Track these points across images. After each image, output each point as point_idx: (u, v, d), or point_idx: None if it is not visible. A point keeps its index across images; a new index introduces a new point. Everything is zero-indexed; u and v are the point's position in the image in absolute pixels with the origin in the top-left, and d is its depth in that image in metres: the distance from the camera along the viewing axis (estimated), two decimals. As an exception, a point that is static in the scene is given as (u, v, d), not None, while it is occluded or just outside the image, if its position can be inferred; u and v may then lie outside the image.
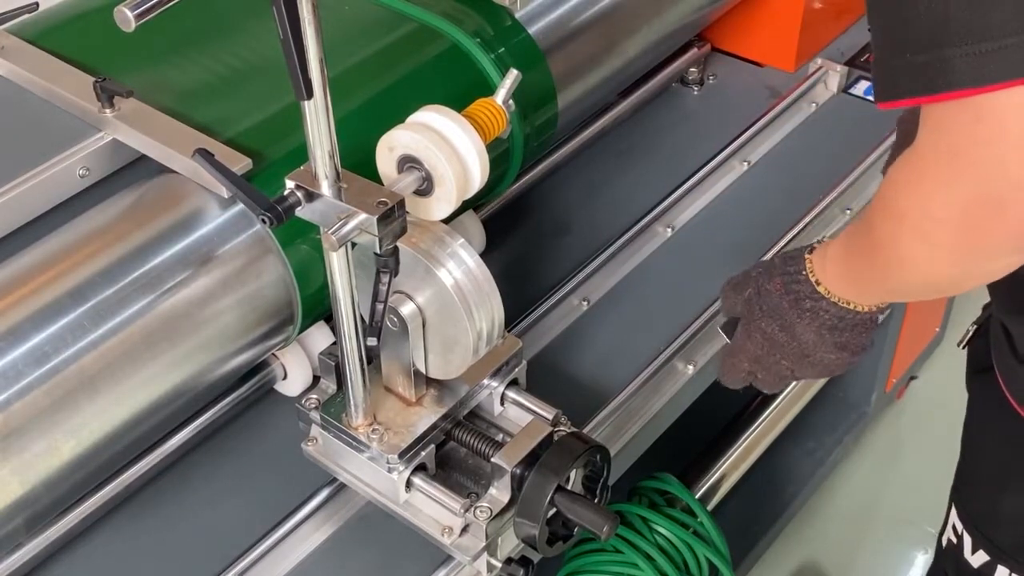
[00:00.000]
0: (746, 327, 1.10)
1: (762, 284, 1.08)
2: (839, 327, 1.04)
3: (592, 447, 1.03)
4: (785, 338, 1.07)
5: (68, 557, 1.08)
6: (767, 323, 1.08)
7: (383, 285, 0.95)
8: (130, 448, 1.04)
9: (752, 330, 1.10)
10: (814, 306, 1.04)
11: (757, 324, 1.09)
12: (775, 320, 1.07)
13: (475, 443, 1.08)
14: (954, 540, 1.17)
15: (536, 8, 1.30)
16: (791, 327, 1.06)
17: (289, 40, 0.81)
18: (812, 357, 1.07)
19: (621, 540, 1.42)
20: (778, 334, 1.07)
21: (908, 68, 0.75)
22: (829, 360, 1.07)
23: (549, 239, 1.44)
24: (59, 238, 1.01)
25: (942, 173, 0.77)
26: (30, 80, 1.12)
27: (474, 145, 0.98)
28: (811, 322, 1.04)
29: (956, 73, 0.72)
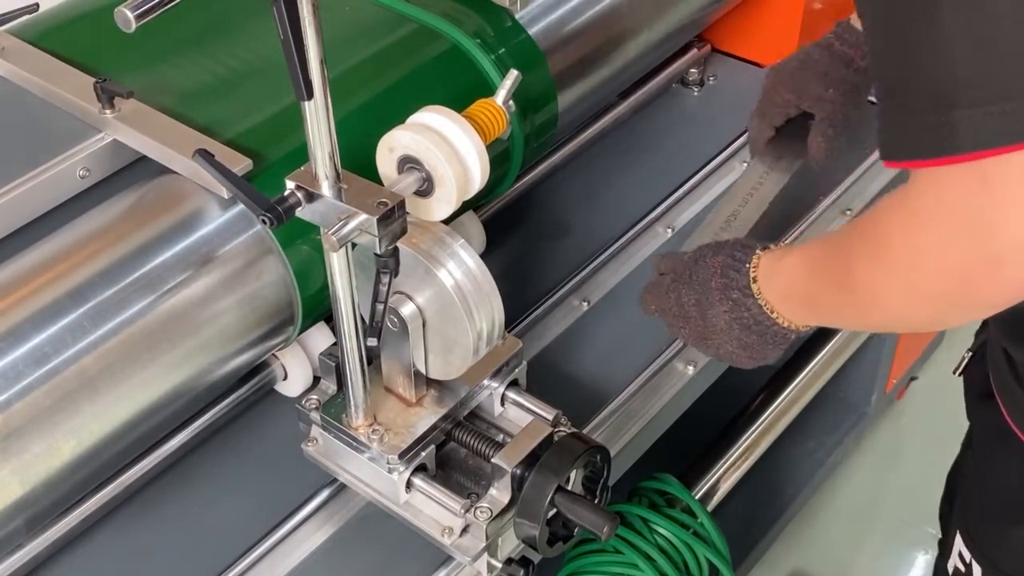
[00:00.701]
0: (672, 282, 1.13)
1: (705, 255, 1.10)
2: (752, 329, 1.05)
3: (592, 448, 1.03)
4: (696, 313, 1.09)
5: (68, 557, 1.08)
6: (687, 292, 1.10)
7: (383, 285, 0.95)
8: (130, 448, 1.04)
9: (672, 289, 1.13)
10: (739, 299, 1.05)
11: (679, 286, 1.12)
12: (695, 293, 1.09)
13: (475, 444, 1.08)
14: (962, 568, 1.17)
15: (536, 9, 1.30)
16: (706, 308, 1.07)
17: (289, 40, 0.81)
18: (711, 340, 1.09)
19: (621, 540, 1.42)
20: (691, 308, 1.09)
21: (914, 128, 0.75)
22: (726, 351, 1.09)
23: (549, 240, 1.44)
24: (59, 239, 1.01)
25: (939, 229, 0.77)
26: (30, 81, 1.12)
27: (474, 146, 0.98)
28: (728, 312, 1.06)
29: (964, 137, 0.72)
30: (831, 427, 2.04)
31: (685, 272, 1.12)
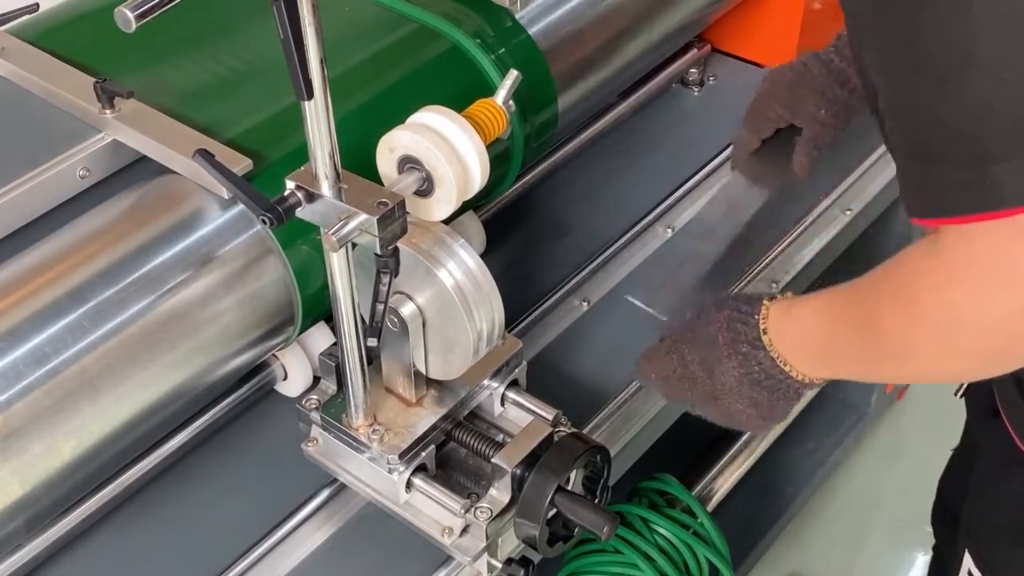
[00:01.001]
0: (673, 343, 1.07)
1: (708, 310, 1.04)
2: (763, 383, 1.00)
3: (592, 448, 1.03)
4: (702, 373, 1.03)
5: (68, 558, 1.08)
6: (691, 351, 1.04)
7: (383, 286, 0.95)
8: (130, 448, 1.04)
9: (673, 350, 1.06)
10: (749, 352, 0.99)
11: (680, 347, 1.05)
12: (700, 351, 1.03)
13: (475, 444, 1.08)
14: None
15: (536, 9, 1.30)
16: (713, 365, 1.02)
17: (289, 40, 0.81)
18: (721, 401, 1.03)
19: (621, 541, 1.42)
20: (696, 367, 1.03)
21: (948, 185, 0.74)
22: (736, 411, 1.03)
23: (549, 240, 1.44)
24: (59, 239, 1.01)
25: (978, 284, 0.76)
26: (30, 81, 1.12)
27: (474, 146, 0.98)
28: (738, 367, 1.00)
29: (1007, 191, 0.71)
30: (831, 427, 2.04)
31: (687, 331, 1.06)
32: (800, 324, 0.98)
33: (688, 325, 1.07)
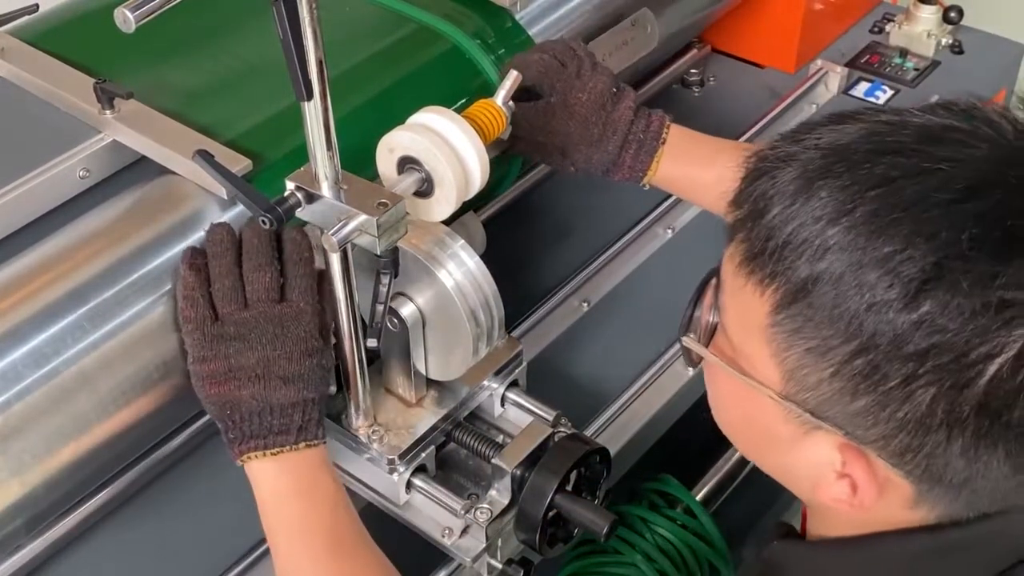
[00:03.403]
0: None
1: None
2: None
3: (592, 448, 1.03)
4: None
5: (68, 558, 1.08)
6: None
7: (383, 286, 0.95)
8: (131, 449, 1.04)
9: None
10: None
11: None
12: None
13: (475, 444, 1.08)
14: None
15: (536, 9, 1.30)
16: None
17: (289, 41, 0.81)
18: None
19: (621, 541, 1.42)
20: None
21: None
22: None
23: (550, 240, 1.44)
24: (59, 239, 1.01)
25: None
26: (30, 82, 1.12)
27: (474, 146, 0.98)
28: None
29: None
30: (831, 427, 2.03)
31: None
32: None
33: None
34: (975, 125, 0.69)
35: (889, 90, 1.67)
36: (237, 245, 0.98)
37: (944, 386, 0.66)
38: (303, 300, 0.95)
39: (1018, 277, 0.64)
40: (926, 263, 0.65)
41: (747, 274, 0.73)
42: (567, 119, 1.14)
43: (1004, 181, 0.66)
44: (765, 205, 0.71)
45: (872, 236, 0.66)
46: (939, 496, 0.73)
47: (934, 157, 0.67)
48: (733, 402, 0.81)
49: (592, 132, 1.14)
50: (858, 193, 0.67)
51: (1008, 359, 0.65)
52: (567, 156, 1.16)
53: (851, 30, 1.79)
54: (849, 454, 0.72)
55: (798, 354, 0.70)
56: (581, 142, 1.14)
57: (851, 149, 0.70)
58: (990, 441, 0.67)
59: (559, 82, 1.14)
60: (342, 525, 0.97)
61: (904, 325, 0.65)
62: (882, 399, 0.68)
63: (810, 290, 0.68)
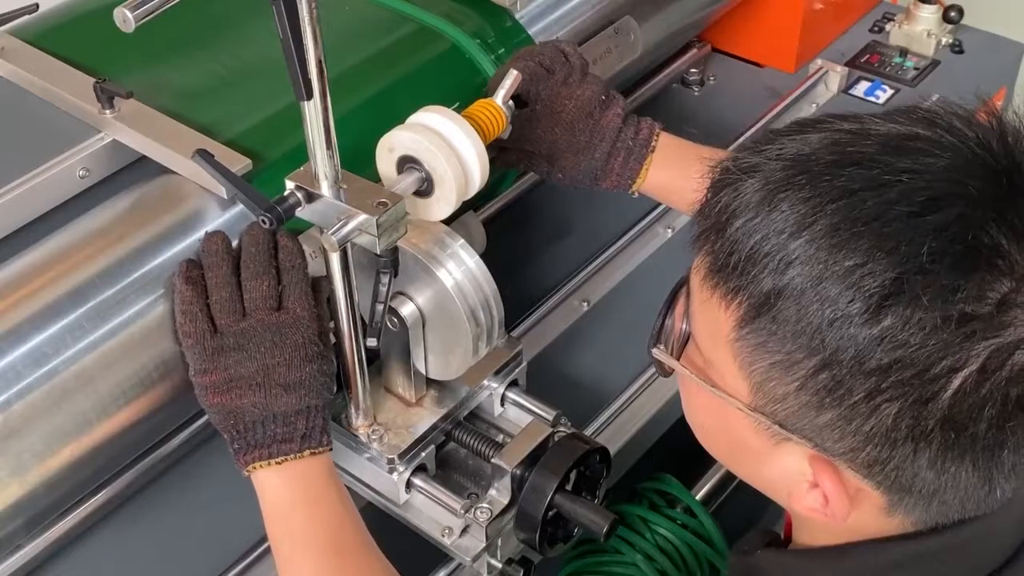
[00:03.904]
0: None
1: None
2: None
3: (592, 448, 1.03)
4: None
5: (68, 558, 1.08)
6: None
7: (383, 286, 0.95)
8: (131, 449, 1.04)
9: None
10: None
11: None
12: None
13: (475, 444, 1.08)
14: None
15: (536, 9, 1.30)
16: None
17: (289, 40, 0.81)
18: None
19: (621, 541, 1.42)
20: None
21: None
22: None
23: (549, 240, 1.44)
24: (59, 239, 1.01)
25: None
26: (30, 81, 1.12)
27: (474, 146, 0.98)
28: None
29: None
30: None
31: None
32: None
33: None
34: (938, 133, 0.68)
35: (889, 89, 1.67)
36: (232, 254, 0.98)
37: (908, 400, 0.66)
38: (299, 307, 0.95)
39: (978, 291, 0.64)
40: (887, 278, 0.64)
41: (712, 287, 0.72)
42: (552, 126, 1.13)
43: (965, 192, 0.66)
44: (728, 218, 0.70)
45: (833, 250, 0.66)
46: (911, 505, 0.73)
47: (895, 168, 0.67)
48: (706, 412, 0.81)
49: (579, 139, 1.14)
50: (819, 206, 0.67)
51: (972, 373, 0.64)
52: (554, 164, 1.15)
53: (851, 30, 1.79)
54: (819, 465, 0.72)
55: (764, 368, 0.70)
56: (568, 149, 1.14)
57: (812, 160, 0.69)
58: (957, 453, 0.67)
59: (544, 89, 1.13)
60: (346, 534, 0.97)
61: (866, 340, 0.65)
62: (848, 413, 0.68)
63: (773, 304, 0.68)
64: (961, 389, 0.65)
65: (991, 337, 0.64)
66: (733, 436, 0.77)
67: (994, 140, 0.68)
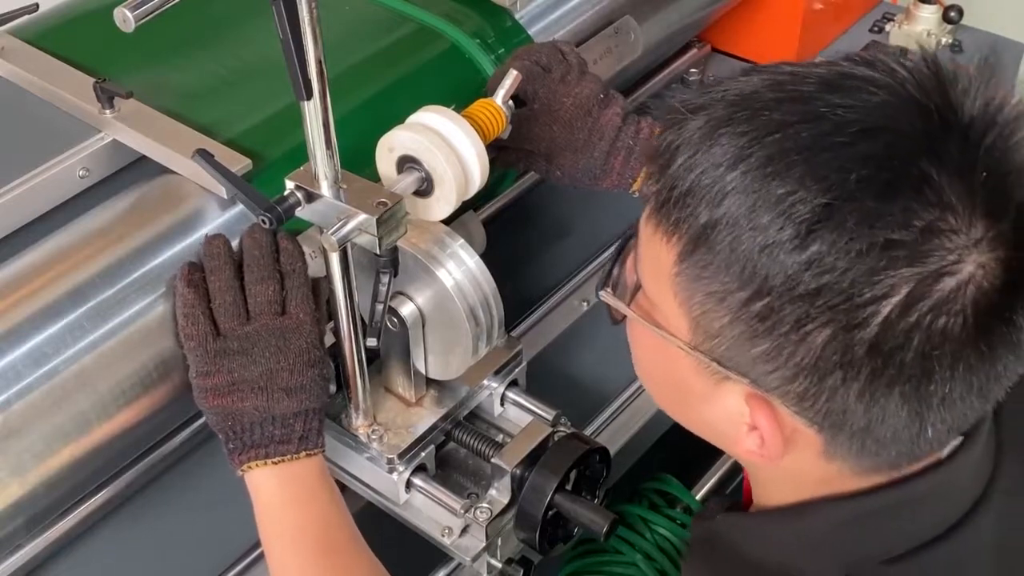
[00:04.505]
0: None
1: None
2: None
3: (592, 448, 1.03)
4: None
5: (68, 558, 1.08)
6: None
7: (383, 286, 0.95)
8: (131, 448, 1.04)
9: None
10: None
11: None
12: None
13: (475, 444, 1.08)
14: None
15: (536, 9, 1.30)
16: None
17: (289, 41, 0.81)
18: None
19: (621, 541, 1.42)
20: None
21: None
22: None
23: (549, 239, 1.44)
24: (59, 239, 1.01)
25: None
26: (30, 81, 1.12)
27: (474, 146, 0.98)
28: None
29: None
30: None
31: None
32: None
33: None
34: (874, 74, 0.70)
35: (889, 90, 1.67)
36: (234, 257, 0.98)
37: (836, 327, 0.66)
38: (302, 311, 0.96)
39: (903, 217, 0.65)
40: (816, 204, 0.65)
41: (656, 224, 0.74)
42: (550, 124, 1.14)
43: (896, 126, 0.67)
44: (671, 155, 0.72)
45: (767, 179, 0.67)
46: (845, 445, 0.73)
47: (830, 103, 0.68)
48: (651, 358, 0.83)
49: (577, 138, 1.14)
50: (756, 139, 0.68)
51: (898, 301, 0.65)
52: (552, 162, 1.15)
53: (851, 29, 1.79)
54: (755, 403, 0.73)
55: (701, 301, 0.71)
56: (567, 148, 1.14)
57: (753, 98, 0.71)
58: (885, 383, 0.68)
59: (542, 88, 1.14)
60: (336, 533, 0.97)
61: (795, 266, 0.66)
62: (779, 342, 0.68)
63: (709, 235, 0.69)
64: (888, 317, 0.66)
65: (915, 264, 0.65)
66: (677, 380, 0.78)
67: (927, 80, 0.69)
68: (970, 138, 0.67)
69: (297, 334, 0.95)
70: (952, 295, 0.65)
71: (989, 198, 0.66)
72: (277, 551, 0.96)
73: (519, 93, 1.12)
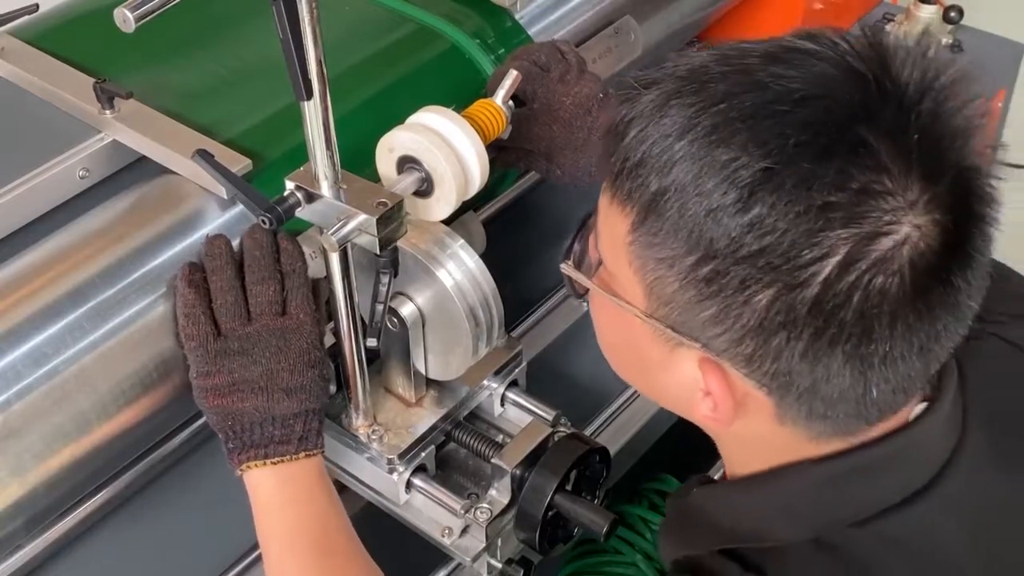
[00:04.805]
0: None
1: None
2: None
3: (592, 448, 1.03)
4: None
5: (68, 558, 1.08)
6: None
7: (383, 286, 0.95)
8: (131, 449, 1.04)
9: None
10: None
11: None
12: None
13: (475, 444, 1.08)
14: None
15: (536, 9, 1.30)
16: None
17: (289, 41, 0.81)
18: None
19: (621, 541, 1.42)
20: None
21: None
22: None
23: (550, 239, 1.44)
24: (59, 239, 1.01)
25: None
26: (30, 82, 1.12)
27: (474, 146, 0.98)
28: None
29: None
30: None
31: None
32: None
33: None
34: (817, 46, 0.72)
35: (889, 90, 1.67)
36: (235, 257, 0.98)
37: (779, 288, 0.68)
38: (302, 312, 0.96)
39: (839, 180, 0.67)
40: (757, 169, 0.68)
41: (611, 196, 0.76)
42: (550, 123, 1.14)
43: (834, 94, 0.69)
44: (625, 128, 0.74)
45: (712, 147, 0.69)
46: (794, 407, 0.75)
47: (773, 73, 0.70)
48: (612, 329, 0.85)
49: (577, 136, 1.14)
50: (703, 109, 0.71)
51: (837, 261, 0.67)
52: (552, 161, 1.16)
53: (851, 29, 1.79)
54: (706, 367, 0.75)
55: (653, 267, 0.74)
56: (566, 147, 1.14)
57: (701, 71, 0.73)
58: (827, 343, 0.70)
59: (541, 88, 1.14)
60: (333, 535, 0.98)
61: (738, 229, 0.68)
62: (726, 305, 0.71)
63: (659, 203, 0.72)
64: (828, 277, 0.68)
65: (852, 225, 0.67)
66: (636, 349, 0.80)
67: (866, 51, 0.72)
68: (905, 104, 0.69)
69: (297, 334, 0.95)
70: (889, 255, 0.68)
71: (924, 162, 0.68)
72: (274, 551, 0.97)
73: (519, 93, 1.13)
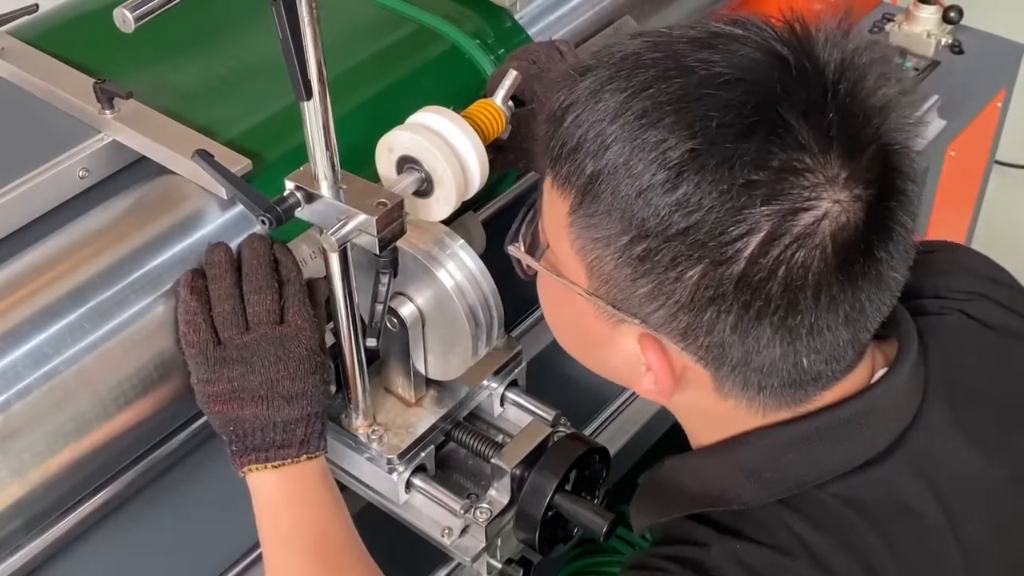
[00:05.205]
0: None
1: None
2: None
3: (592, 448, 1.03)
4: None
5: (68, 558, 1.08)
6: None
7: (383, 286, 0.95)
8: (131, 448, 1.04)
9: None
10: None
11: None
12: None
13: (475, 444, 1.08)
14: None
15: (536, 9, 1.30)
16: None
17: (288, 41, 0.81)
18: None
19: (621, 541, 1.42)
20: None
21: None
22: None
23: (549, 240, 1.44)
24: (59, 239, 1.01)
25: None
26: (30, 82, 1.12)
27: (473, 146, 0.98)
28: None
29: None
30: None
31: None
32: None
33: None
34: (743, 31, 0.75)
35: (889, 90, 1.67)
36: (236, 266, 0.99)
37: (707, 264, 0.71)
38: (300, 318, 0.97)
39: (759, 158, 0.70)
40: (684, 149, 0.71)
41: (552, 180, 0.79)
42: None
43: (755, 76, 0.72)
44: (563, 114, 0.77)
45: (642, 130, 0.72)
46: (730, 379, 0.78)
47: (699, 58, 0.73)
48: (558, 309, 0.88)
49: None
50: (634, 94, 0.73)
51: (762, 237, 0.70)
52: None
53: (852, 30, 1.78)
54: (645, 342, 0.78)
55: (592, 247, 0.76)
56: None
57: (634, 57, 0.76)
58: (755, 316, 0.73)
59: (540, 87, 1.14)
60: (334, 536, 0.98)
61: (667, 208, 0.71)
62: (659, 281, 0.74)
63: (595, 185, 0.75)
64: (753, 252, 0.71)
65: (773, 202, 0.70)
66: (582, 327, 0.83)
67: (788, 34, 0.74)
68: (824, 84, 0.72)
69: (296, 341, 0.96)
70: (810, 230, 0.70)
71: (843, 139, 0.71)
72: (274, 552, 0.97)
73: (518, 93, 1.13)
